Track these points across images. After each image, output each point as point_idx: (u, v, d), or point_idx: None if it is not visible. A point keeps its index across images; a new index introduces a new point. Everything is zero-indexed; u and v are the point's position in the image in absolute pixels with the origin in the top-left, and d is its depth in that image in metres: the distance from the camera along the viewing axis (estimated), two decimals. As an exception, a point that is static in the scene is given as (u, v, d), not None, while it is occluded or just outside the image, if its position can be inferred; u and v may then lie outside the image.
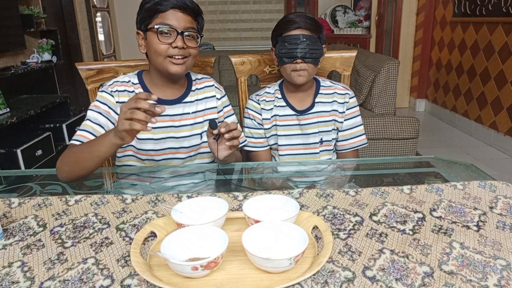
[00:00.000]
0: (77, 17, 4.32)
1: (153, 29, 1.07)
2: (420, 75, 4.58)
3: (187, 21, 1.08)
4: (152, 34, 1.08)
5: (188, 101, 1.21)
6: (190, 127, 1.20)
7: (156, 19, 1.07)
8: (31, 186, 1.07)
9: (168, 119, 1.18)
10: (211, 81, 1.28)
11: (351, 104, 1.30)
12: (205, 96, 1.24)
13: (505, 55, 3.13)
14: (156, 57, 1.09)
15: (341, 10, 4.88)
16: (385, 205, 0.87)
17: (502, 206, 0.85)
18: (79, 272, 0.66)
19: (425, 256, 0.68)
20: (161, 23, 1.06)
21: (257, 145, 1.33)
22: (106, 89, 1.15)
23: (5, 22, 3.10)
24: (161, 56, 1.08)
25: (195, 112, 1.21)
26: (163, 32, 1.07)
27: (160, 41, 1.07)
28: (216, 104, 1.26)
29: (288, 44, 1.18)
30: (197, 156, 1.24)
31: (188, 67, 1.13)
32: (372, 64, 2.81)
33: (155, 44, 1.08)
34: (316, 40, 1.19)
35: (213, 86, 1.27)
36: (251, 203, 0.80)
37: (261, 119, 1.32)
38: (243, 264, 0.67)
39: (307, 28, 1.18)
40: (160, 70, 1.13)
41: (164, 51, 1.07)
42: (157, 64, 1.11)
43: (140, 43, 1.14)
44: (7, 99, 3.00)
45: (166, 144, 1.19)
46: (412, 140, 2.53)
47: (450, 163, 1.16)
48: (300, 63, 1.18)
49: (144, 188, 1.08)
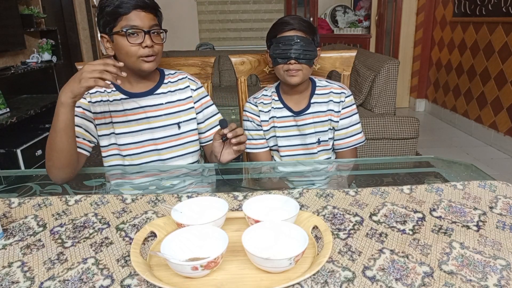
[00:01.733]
0: (77, 17, 4.32)
1: (121, 32, 1.09)
2: (420, 75, 4.58)
3: (150, 19, 1.11)
4: (119, 37, 1.10)
5: (160, 92, 1.23)
6: (164, 117, 1.23)
7: (120, 22, 1.09)
8: (31, 186, 1.07)
9: (142, 111, 1.20)
10: (184, 74, 1.31)
11: (347, 103, 1.30)
12: (179, 87, 1.27)
13: (505, 55, 3.13)
14: (128, 58, 1.12)
15: (341, 10, 4.88)
16: (385, 205, 0.87)
17: (502, 206, 0.85)
18: (79, 272, 0.66)
19: (425, 256, 0.68)
20: (126, 25, 1.08)
21: (257, 146, 1.34)
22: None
23: (5, 22, 3.10)
24: (133, 57, 1.11)
25: (168, 102, 1.24)
26: (131, 34, 1.09)
27: (130, 43, 1.09)
28: (192, 94, 1.28)
29: (282, 45, 1.19)
30: (179, 147, 1.25)
31: (158, 62, 1.17)
32: (372, 64, 2.81)
33: (126, 46, 1.10)
34: (310, 42, 1.21)
35: (186, 78, 1.29)
36: (251, 203, 0.80)
37: (259, 120, 1.33)
38: (243, 264, 0.67)
39: (301, 29, 1.20)
40: (132, 69, 1.16)
41: (135, 52, 1.10)
42: (129, 64, 1.13)
43: (106, 46, 1.15)
44: (7, 99, 3.00)
45: (143, 136, 1.21)
46: (412, 140, 2.53)
47: (450, 163, 1.16)
48: (294, 63, 1.19)
49: (144, 188, 1.08)
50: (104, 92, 1.19)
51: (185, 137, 1.25)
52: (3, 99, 2.90)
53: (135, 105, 1.20)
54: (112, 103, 1.19)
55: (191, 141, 1.26)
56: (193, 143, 1.27)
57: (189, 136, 1.26)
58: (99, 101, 1.19)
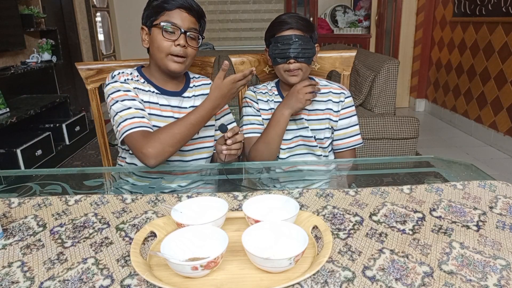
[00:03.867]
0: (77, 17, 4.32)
1: (159, 25, 1.11)
2: (420, 75, 4.59)
3: (191, 22, 1.13)
4: (156, 30, 1.12)
5: (186, 96, 1.24)
6: None
7: (162, 17, 1.11)
8: (31, 186, 1.07)
9: (170, 110, 1.20)
10: (208, 80, 1.32)
11: (347, 104, 1.31)
12: (202, 93, 1.28)
13: (505, 55, 3.14)
14: (158, 53, 1.13)
15: (341, 10, 4.88)
16: (385, 205, 0.87)
17: (502, 206, 0.85)
18: (79, 272, 0.66)
19: (425, 256, 0.68)
20: (166, 20, 1.10)
21: (256, 130, 1.34)
22: (118, 79, 1.16)
23: (5, 22, 3.10)
24: (163, 52, 1.12)
25: (192, 107, 1.24)
26: (167, 29, 1.11)
27: (164, 38, 1.11)
28: None
29: (280, 45, 1.20)
30: (195, 151, 1.25)
31: (186, 67, 1.17)
32: (372, 64, 2.80)
33: (159, 40, 1.11)
34: (309, 40, 1.21)
35: (210, 85, 1.29)
36: (251, 203, 0.80)
37: (258, 108, 1.34)
38: (243, 264, 0.67)
39: (299, 28, 1.20)
40: (159, 66, 1.16)
41: (167, 48, 1.11)
42: (157, 60, 1.14)
43: (143, 38, 1.17)
44: (7, 99, 3.00)
45: None
46: (412, 140, 2.53)
47: (450, 163, 1.16)
48: (293, 63, 1.20)
49: (144, 188, 1.08)
50: (138, 81, 1.19)
51: (202, 142, 1.26)
52: (3, 99, 2.89)
53: (165, 102, 1.20)
54: (147, 93, 1.18)
55: (206, 147, 1.27)
56: (208, 149, 1.28)
57: (206, 142, 1.27)
58: (135, 88, 1.17)
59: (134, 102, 1.12)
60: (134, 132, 1.07)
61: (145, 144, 1.04)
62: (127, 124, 1.08)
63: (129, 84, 1.16)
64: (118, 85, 1.14)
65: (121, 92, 1.13)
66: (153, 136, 1.06)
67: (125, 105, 1.11)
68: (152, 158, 1.04)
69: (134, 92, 1.15)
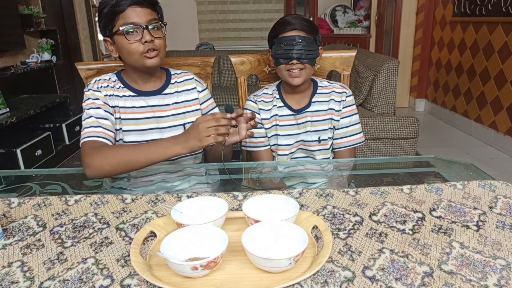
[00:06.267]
0: (76, 16, 4.32)
1: (119, 31, 1.08)
2: (419, 75, 4.59)
3: (148, 14, 1.10)
4: (119, 37, 1.10)
5: (168, 92, 1.23)
6: (171, 117, 1.22)
7: (118, 21, 1.09)
8: (30, 186, 1.07)
9: (149, 110, 1.20)
10: (191, 75, 1.30)
11: (348, 103, 1.31)
12: (185, 88, 1.27)
13: (505, 55, 3.14)
14: (130, 57, 1.11)
15: (341, 10, 4.88)
16: (385, 204, 0.87)
17: (501, 205, 0.85)
18: (79, 272, 0.66)
19: (425, 255, 0.68)
20: (124, 23, 1.08)
21: (258, 144, 1.34)
22: (92, 87, 1.17)
23: (4, 21, 3.09)
24: (134, 55, 1.10)
25: (175, 103, 1.23)
26: (129, 31, 1.08)
27: (129, 41, 1.09)
28: (198, 96, 1.28)
29: (284, 45, 1.20)
30: None
31: (162, 58, 1.15)
32: (371, 64, 2.81)
33: (126, 45, 1.09)
34: (312, 41, 1.21)
35: (193, 79, 1.29)
36: (251, 203, 0.80)
37: (260, 119, 1.32)
38: (243, 264, 0.67)
39: (302, 29, 1.20)
40: (136, 67, 1.15)
41: (136, 49, 1.09)
42: (132, 62, 1.13)
43: (110, 49, 1.16)
44: (7, 99, 3.00)
45: (150, 136, 1.20)
46: (411, 140, 2.53)
47: (450, 162, 1.16)
48: (296, 63, 1.20)
49: (143, 188, 1.08)
50: (114, 87, 1.18)
51: None
52: (3, 99, 2.89)
53: (143, 104, 1.19)
54: (122, 98, 1.18)
55: None
56: None
57: None
58: (110, 94, 1.17)
59: (98, 111, 1.13)
60: (85, 142, 1.08)
61: (88, 154, 1.04)
62: (84, 133, 1.10)
63: (100, 92, 1.16)
64: (89, 93, 1.16)
65: (90, 101, 1.14)
66: (98, 149, 1.05)
67: (89, 113, 1.13)
68: (88, 169, 1.03)
69: (103, 101, 1.15)
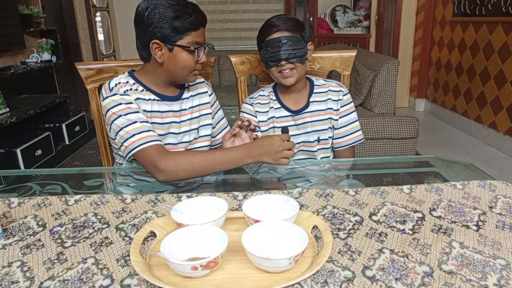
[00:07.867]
0: (76, 16, 4.32)
1: (188, 48, 1.09)
2: (419, 75, 4.58)
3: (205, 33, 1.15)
4: (181, 50, 1.09)
5: (185, 97, 1.24)
6: (188, 121, 1.23)
7: (187, 37, 1.08)
8: (30, 186, 1.07)
9: (171, 115, 1.20)
10: (202, 78, 1.32)
11: (345, 101, 1.31)
12: (198, 92, 1.28)
13: (505, 55, 3.14)
14: (181, 71, 1.12)
15: (341, 10, 4.88)
16: (385, 204, 0.87)
17: (501, 205, 0.85)
18: (78, 272, 0.66)
19: (425, 255, 0.68)
20: (193, 41, 1.09)
21: None
22: (117, 91, 1.11)
23: (4, 21, 3.09)
24: (188, 71, 1.13)
25: (191, 107, 1.24)
26: (192, 51, 1.10)
27: (189, 58, 1.10)
28: (209, 100, 1.30)
29: (270, 48, 1.21)
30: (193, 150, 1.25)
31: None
32: (371, 64, 2.81)
33: (185, 60, 1.10)
34: (299, 39, 1.20)
35: (204, 83, 1.31)
36: (251, 202, 0.80)
37: (257, 121, 1.33)
38: (243, 264, 0.67)
39: (287, 29, 1.20)
40: (176, 79, 1.16)
41: (191, 66, 1.12)
42: (177, 75, 1.14)
43: (157, 53, 1.10)
44: (7, 99, 3.00)
45: (166, 140, 1.19)
46: (411, 140, 2.53)
47: (450, 162, 1.16)
48: (286, 64, 1.20)
49: (144, 188, 1.08)
50: (137, 90, 1.14)
51: (200, 142, 1.26)
52: (3, 99, 2.89)
53: (166, 108, 1.18)
54: (148, 102, 1.15)
55: (203, 146, 1.27)
56: (205, 148, 1.28)
57: (204, 141, 1.27)
58: (137, 98, 1.13)
59: (138, 115, 1.08)
60: (147, 147, 1.03)
61: (160, 159, 1.00)
62: (136, 140, 1.04)
63: (129, 95, 1.11)
64: (118, 98, 1.08)
65: (123, 106, 1.07)
66: (170, 154, 1.02)
67: (130, 119, 1.06)
68: (163, 174, 1.00)
69: (136, 104, 1.10)
